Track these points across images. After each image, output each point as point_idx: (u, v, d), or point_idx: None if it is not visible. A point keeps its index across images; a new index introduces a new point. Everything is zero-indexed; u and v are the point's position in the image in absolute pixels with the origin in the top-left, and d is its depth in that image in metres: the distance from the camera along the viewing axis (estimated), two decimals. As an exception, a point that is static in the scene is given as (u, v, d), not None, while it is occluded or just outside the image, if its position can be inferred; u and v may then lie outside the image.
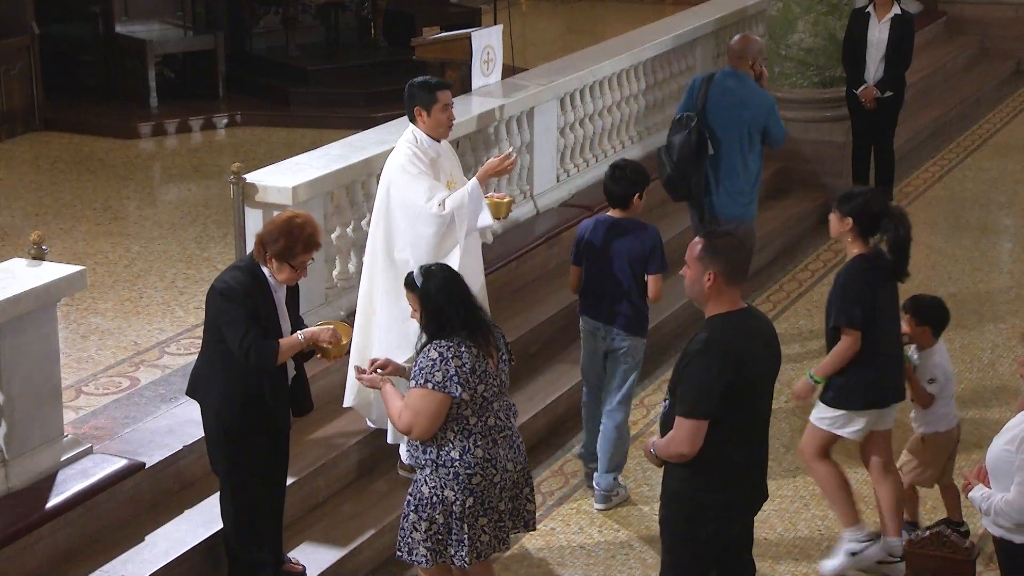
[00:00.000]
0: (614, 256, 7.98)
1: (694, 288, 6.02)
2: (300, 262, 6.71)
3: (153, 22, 15.55)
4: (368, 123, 11.04)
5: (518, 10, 19.80)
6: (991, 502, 5.94)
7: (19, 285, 6.88)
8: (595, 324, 8.10)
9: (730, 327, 5.97)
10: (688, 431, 5.91)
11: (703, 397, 5.89)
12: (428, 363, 6.31)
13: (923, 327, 7.59)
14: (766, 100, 9.75)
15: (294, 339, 6.74)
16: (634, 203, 8.04)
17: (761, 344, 6.08)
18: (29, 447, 6.98)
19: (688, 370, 5.95)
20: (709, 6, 14.01)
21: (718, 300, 5.98)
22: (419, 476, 6.47)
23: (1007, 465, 5.88)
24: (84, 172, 12.99)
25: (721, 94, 9.70)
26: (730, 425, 5.94)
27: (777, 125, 9.75)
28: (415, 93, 7.95)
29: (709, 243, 6.02)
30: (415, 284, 6.48)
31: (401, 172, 7.82)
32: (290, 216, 6.84)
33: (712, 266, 5.94)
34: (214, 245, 10.90)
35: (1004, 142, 15.10)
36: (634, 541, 7.94)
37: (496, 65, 10.61)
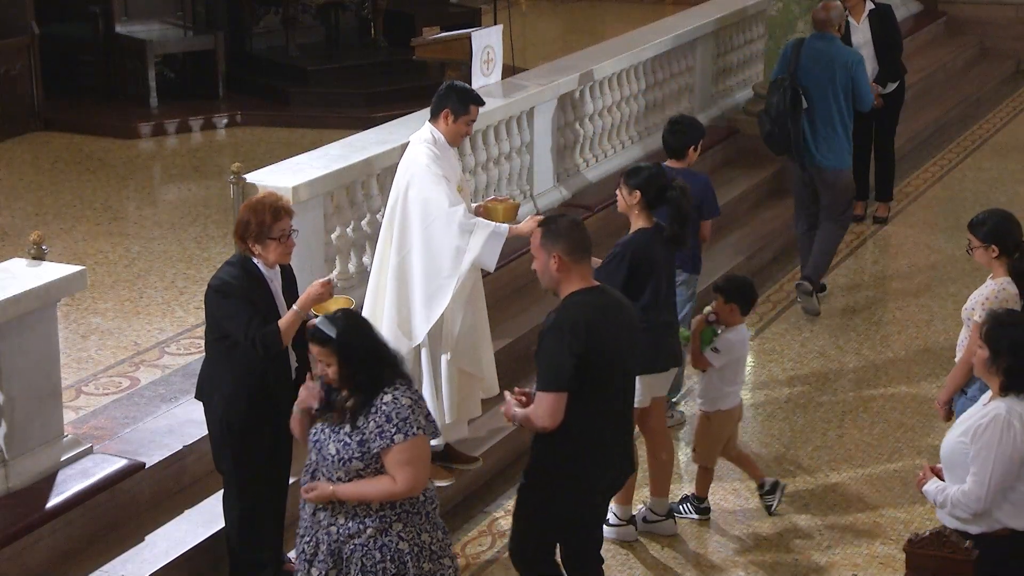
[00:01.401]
0: None
1: (546, 276, 6.28)
2: (279, 232, 6.67)
3: (153, 22, 15.54)
4: (368, 123, 11.04)
5: (518, 10, 19.79)
6: (946, 494, 6.02)
7: (19, 285, 6.89)
8: None
9: (580, 303, 6.20)
10: (547, 405, 6.12)
11: (556, 371, 6.10)
12: (406, 411, 5.82)
13: (731, 305, 7.91)
14: (852, 56, 10.66)
15: (290, 313, 6.70)
16: (689, 154, 8.86)
17: (613, 319, 6.27)
18: (29, 447, 6.99)
19: (542, 346, 6.17)
20: (709, 6, 14.01)
21: (569, 280, 6.23)
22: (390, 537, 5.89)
23: (962, 457, 5.95)
24: (84, 172, 12.99)
25: (811, 55, 10.58)
26: (586, 399, 6.14)
27: (861, 84, 10.60)
28: (451, 96, 7.91)
29: (546, 228, 6.28)
30: (328, 337, 5.84)
31: (426, 171, 7.73)
32: (248, 199, 6.90)
33: (554, 248, 6.19)
34: (214, 245, 10.91)
35: (1004, 142, 15.10)
36: (634, 542, 7.94)
37: (496, 65, 10.60)
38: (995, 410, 5.92)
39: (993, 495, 5.90)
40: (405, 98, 13.75)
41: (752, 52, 14.10)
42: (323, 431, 5.94)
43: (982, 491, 5.89)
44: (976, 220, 7.27)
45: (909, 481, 8.49)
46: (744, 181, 12.67)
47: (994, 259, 7.20)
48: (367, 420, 5.81)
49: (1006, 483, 5.89)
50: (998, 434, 5.86)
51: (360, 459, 5.82)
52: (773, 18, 12.94)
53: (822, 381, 9.79)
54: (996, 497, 5.91)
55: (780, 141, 10.73)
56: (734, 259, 11.07)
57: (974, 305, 7.17)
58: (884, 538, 7.94)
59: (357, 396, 5.85)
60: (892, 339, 10.46)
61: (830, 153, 10.61)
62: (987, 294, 7.16)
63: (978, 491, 5.90)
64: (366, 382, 5.85)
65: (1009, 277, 7.17)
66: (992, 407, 5.96)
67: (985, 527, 5.98)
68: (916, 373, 9.86)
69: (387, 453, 5.80)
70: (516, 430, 8.61)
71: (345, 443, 5.84)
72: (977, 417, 5.98)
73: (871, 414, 9.36)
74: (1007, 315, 6.15)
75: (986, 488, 5.88)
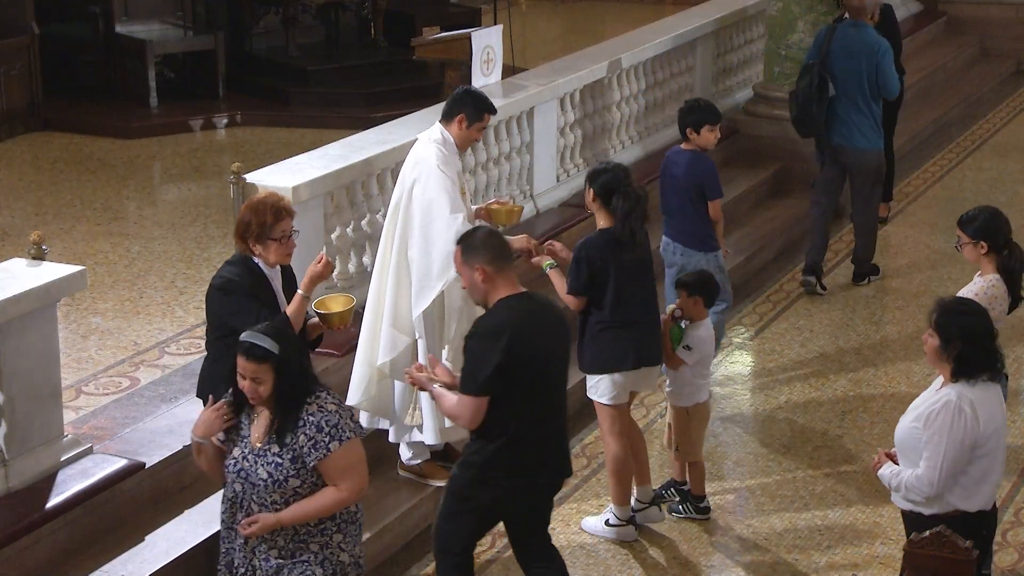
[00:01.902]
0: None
1: (475, 291, 6.41)
2: (280, 232, 6.67)
3: (153, 22, 15.55)
4: (368, 123, 11.03)
5: (518, 10, 19.78)
6: (900, 478, 6.12)
7: (19, 285, 6.89)
8: (667, 242, 9.21)
9: (505, 309, 6.30)
10: (467, 407, 6.28)
11: (476, 375, 6.22)
12: (335, 417, 5.74)
13: (695, 298, 7.95)
14: (879, 45, 10.89)
15: (296, 298, 6.69)
16: (689, 136, 9.07)
17: (541, 323, 6.36)
18: (29, 447, 6.99)
19: (466, 350, 6.32)
20: (709, 6, 14.01)
21: (495, 290, 6.34)
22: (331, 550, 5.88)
23: (915, 442, 6.06)
24: (84, 172, 12.99)
25: (841, 41, 10.90)
26: (513, 402, 6.25)
27: (887, 72, 10.86)
28: (468, 101, 7.92)
29: (464, 244, 6.40)
30: (269, 353, 5.68)
31: (435, 171, 7.72)
32: (249, 199, 6.90)
33: (477, 261, 6.31)
34: (214, 245, 10.91)
35: (1004, 142, 15.10)
36: (634, 541, 7.94)
37: (496, 65, 10.60)
38: (947, 396, 6.02)
39: (945, 479, 6.01)
40: (405, 98, 13.76)
41: (752, 52, 14.10)
42: (245, 458, 5.77)
43: (934, 475, 6.00)
44: (965, 217, 7.30)
45: (909, 481, 8.49)
46: (744, 181, 12.66)
47: (983, 255, 7.23)
48: (295, 435, 5.69)
49: (957, 467, 6.01)
50: (950, 420, 5.96)
51: (296, 476, 5.69)
52: (773, 18, 12.93)
53: (822, 381, 9.79)
54: (948, 481, 6.02)
55: (806, 124, 11.09)
56: (734, 259, 11.06)
57: None
58: (884, 538, 7.94)
59: (287, 413, 5.69)
60: (892, 339, 10.47)
61: (855, 134, 10.93)
62: (976, 290, 7.17)
63: (931, 475, 6.00)
64: (298, 397, 5.72)
65: (998, 274, 7.20)
66: (944, 393, 6.06)
67: (938, 509, 6.09)
68: (916, 373, 9.86)
69: (326, 463, 5.70)
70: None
71: (277, 464, 5.69)
72: (929, 403, 6.09)
73: (871, 414, 9.36)
74: (956, 303, 6.24)
75: (938, 472, 5.99)
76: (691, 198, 9.06)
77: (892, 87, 10.97)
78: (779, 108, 12.85)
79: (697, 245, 9.12)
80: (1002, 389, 7.13)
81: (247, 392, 5.72)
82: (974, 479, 6.05)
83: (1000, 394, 6.16)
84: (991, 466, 6.07)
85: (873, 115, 10.95)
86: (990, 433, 6.02)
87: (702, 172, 9.08)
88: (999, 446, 6.09)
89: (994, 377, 6.08)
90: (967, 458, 6.00)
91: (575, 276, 7.63)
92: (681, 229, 9.15)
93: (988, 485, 6.10)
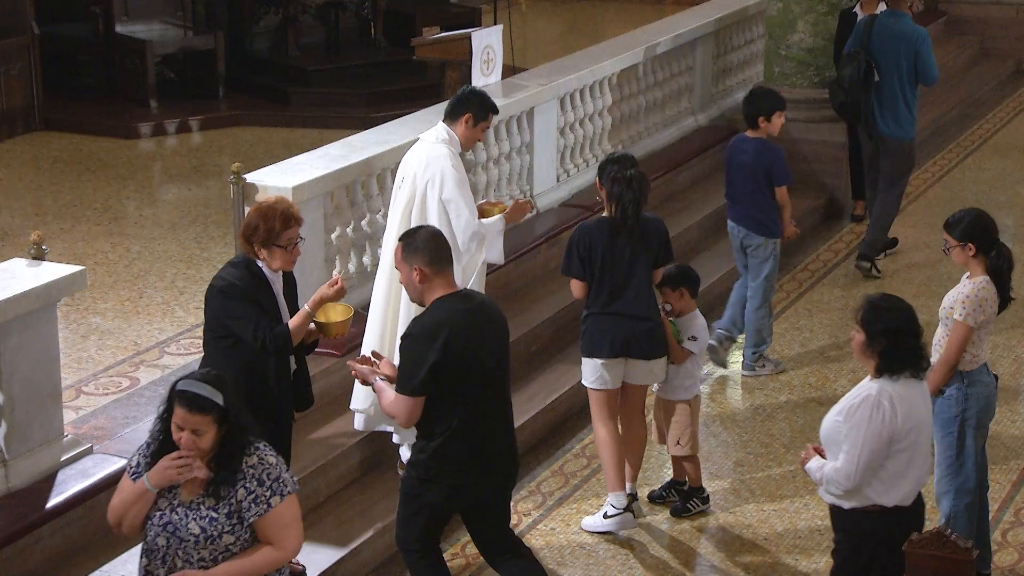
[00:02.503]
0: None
1: (410, 288, 6.45)
2: (287, 240, 6.67)
3: (153, 22, 15.55)
4: (368, 123, 11.04)
5: (518, 10, 19.80)
6: (823, 471, 6.18)
7: (19, 285, 6.89)
8: (732, 224, 9.69)
9: (441, 309, 6.35)
10: (402, 406, 6.35)
11: (410, 375, 6.28)
12: (275, 470, 5.39)
13: (680, 290, 8.02)
14: (917, 34, 11.27)
15: (300, 313, 6.71)
16: (760, 124, 9.51)
17: (478, 322, 6.41)
18: (29, 447, 6.99)
19: (401, 350, 6.38)
20: (709, 6, 14.01)
21: (431, 289, 6.40)
22: None
23: (837, 435, 6.13)
24: (84, 172, 12.99)
25: (881, 31, 11.32)
26: (451, 401, 6.33)
27: (926, 59, 11.25)
28: (474, 102, 7.96)
29: (404, 243, 6.44)
30: (213, 403, 5.26)
31: (452, 172, 7.78)
32: (259, 203, 6.87)
33: (415, 260, 6.36)
34: (214, 245, 10.91)
35: (1004, 142, 15.11)
36: (634, 541, 7.94)
37: (496, 65, 10.60)
38: (867, 390, 6.09)
39: (862, 472, 6.06)
40: (405, 98, 13.76)
41: (752, 52, 14.10)
42: (174, 510, 5.36)
43: (852, 468, 6.06)
44: (951, 220, 7.31)
45: (909, 481, 8.50)
46: (744, 181, 12.65)
47: (971, 258, 7.23)
48: (234, 489, 5.32)
49: (875, 461, 6.06)
50: (868, 414, 6.03)
51: (231, 532, 5.33)
52: (773, 18, 12.93)
53: (822, 381, 9.79)
54: (866, 474, 6.07)
55: (852, 111, 11.53)
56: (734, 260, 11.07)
57: (952, 304, 7.20)
58: (884, 538, 7.93)
59: (228, 465, 5.32)
60: (892, 339, 10.45)
61: (893, 123, 11.35)
62: (967, 292, 7.18)
63: (848, 468, 6.06)
64: (239, 449, 5.34)
65: (987, 276, 7.20)
66: (865, 387, 6.13)
67: (856, 503, 6.15)
68: (916, 373, 9.85)
69: (265, 520, 5.35)
70: (516, 430, 8.61)
71: (211, 518, 5.31)
72: (851, 397, 6.16)
73: (871, 414, 9.35)
74: (882, 299, 6.28)
75: (855, 465, 6.05)
76: (759, 184, 9.49)
77: (932, 74, 11.34)
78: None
79: (760, 230, 9.57)
80: (993, 387, 7.20)
81: (184, 445, 5.27)
82: (892, 474, 6.10)
83: (924, 391, 6.22)
84: (910, 461, 6.11)
85: (908, 103, 11.33)
86: (908, 429, 6.07)
87: (771, 158, 9.51)
88: (919, 442, 6.14)
89: (917, 374, 6.14)
90: (885, 452, 6.06)
91: (566, 258, 7.86)
92: (746, 214, 9.59)
93: (907, 481, 6.14)
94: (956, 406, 7.18)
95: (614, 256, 7.74)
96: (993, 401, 7.31)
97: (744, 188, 9.55)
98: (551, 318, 9.81)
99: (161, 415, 5.41)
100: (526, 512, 8.19)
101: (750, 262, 9.68)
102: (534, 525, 8.07)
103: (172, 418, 5.31)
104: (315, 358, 7.35)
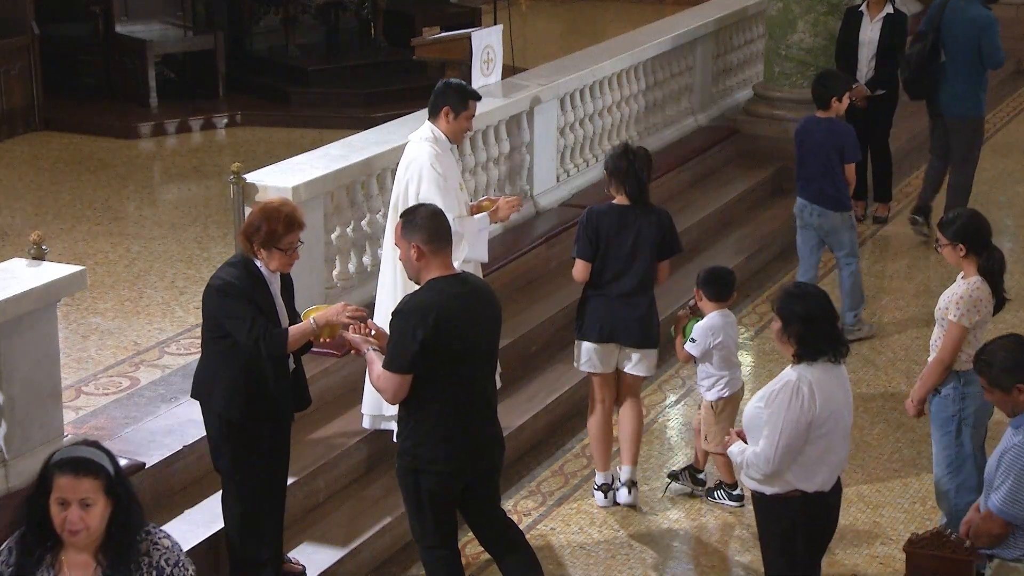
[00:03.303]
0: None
1: (408, 266, 6.43)
2: (287, 244, 6.68)
3: (153, 22, 15.56)
4: (368, 123, 11.04)
5: (518, 10, 19.79)
6: (744, 455, 6.27)
7: (19, 285, 6.88)
8: (805, 204, 10.17)
9: (434, 290, 6.32)
10: (389, 382, 6.32)
11: (399, 353, 6.25)
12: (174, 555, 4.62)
13: (697, 291, 8.09)
14: (982, 18, 11.72)
15: (306, 325, 6.70)
16: (832, 104, 10.02)
17: (471, 305, 6.39)
18: (29, 447, 6.98)
19: (392, 327, 6.33)
20: (709, 6, 14.01)
21: (428, 269, 6.36)
22: None
23: (758, 421, 6.21)
24: (84, 172, 12.99)
25: (952, 12, 11.71)
26: (437, 384, 6.31)
27: (990, 43, 11.67)
28: (449, 94, 7.98)
29: (406, 220, 6.43)
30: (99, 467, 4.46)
31: (428, 171, 7.81)
32: (265, 203, 6.86)
33: (413, 238, 6.34)
34: (214, 245, 10.91)
35: (1004, 142, 15.10)
36: (634, 541, 7.95)
37: (496, 65, 10.61)
38: (787, 376, 6.19)
39: (782, 457, 6.13)
40: (405, 98, 13.75)
41: (752, 52, 14.11)
42: None
43: (771, 452, 6.13)
44: (945, 219, 7.40)
45: (909, 481, 8.50)
46: (744, 181, 12.67)
47: (963, 258, 7.29)
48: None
49: (794, 446, 6.13)
50: (787, 399, 6.11)
51: None
52: (773, 18, 12.94)
53: (822, 381, 9.78)
54: (786, 459, 6.14)
55: (916, 88, 12.02)
56: (734, 259, 11.08)
57: (947, 304, 7.25)
58: (884, 538, 7.94)
59: (119, 551, 4.48)
60: (892, 339, 10.46)
61: (957, 102, 11.78)
62: (961, 292, 7.23)
63: (767, 452, 6.14)
64: (133, 530, 4.52)
65: (980, 276, 7.24)
66: (785, 374, 6.22)
67: (778, 488, 6.23)
68: (916, 373, 9.83)
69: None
70: (516, 430, 8.63)
71: None
72: (772, 383, 6.25)
73: (871, 414, 9.36)
74: (795, 287, 6.43)
75: (774, 450, 6.12)
76: (831, 162, 9.98)
77: (997, 57, 11.74)
78: (779, 108, 12.86)
79: (834, 205, 10.08)
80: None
81: (70, 523, 4.39)
82: (812, 459, 6.17)
83: (843, 376, 6.28)
84: (829, 447, 6.19)
85: (973, 83, 11.74)
86: (827, 415, 6.15)
87: (845, 136, 10.06)
88: (838, 428, 6.22)
89: (836, 359, 6.21)
90: (804, 438, 6.13)
91: (576, 239, 8.00)
92: (820, 191, 10.07)
93: (826, 466, 6.22)
94: (953, 405, 7.22)
95: (619, 241, 7.88)
96: None
97: (817, 167, 10.03)
98: (551, 318, 9.81)
99: (30, 503, 4.49)
100: (526, 512, 8.19)
101: (831, 240, 10.21)
102: (534, 525, 8.07)
103: (50, 498, 4.41)
104: (316, 358, 7.34)
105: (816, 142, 10.01)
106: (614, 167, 7.93)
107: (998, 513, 6.18)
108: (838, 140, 9.98)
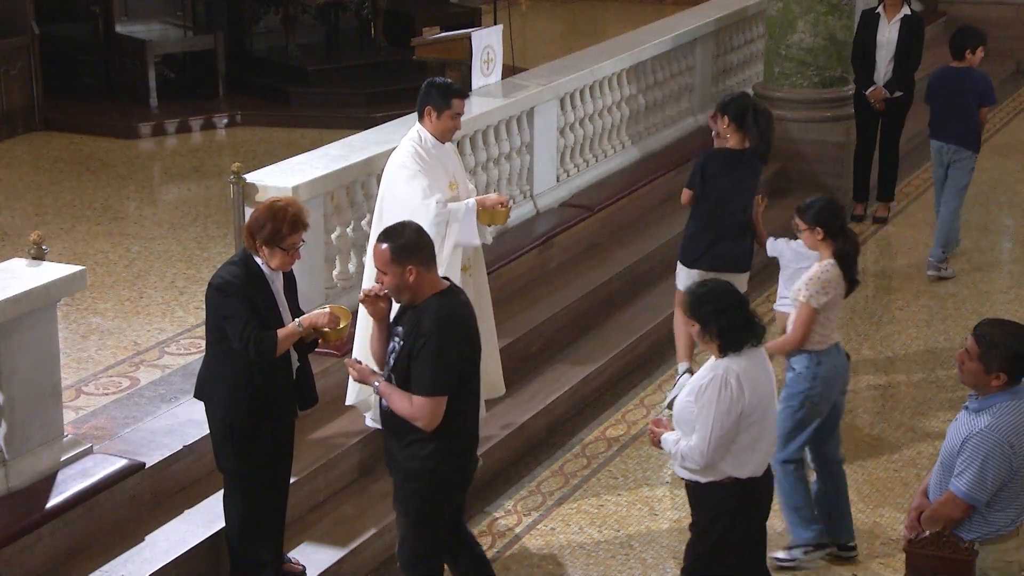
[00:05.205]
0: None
1: (400, 291, 6.22)
2: (290, 244, 6.68)
3: (153, 22, 15.56)
4: (368, 123, 11.04)
5: (518, 10, 19.78)
6: (678, 447, 6.35)
7: (19, 285, 6.88)
8: (940, 144, 11.39)
9: (453, 304, 6.26)
10: (432, 408, 6.13)
11: (442, 374, 6.12)
12: None
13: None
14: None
15: (292, 327, 6.71)
16: (966, 56, 11.27)
17: (472, 315, 6.43)
18: (29, 447, 6.98)
19: (430, 348, 6.10)
20: (709, 6, 14.01)
21: (425, 287, 6.23)
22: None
23: (689, 415, 6.30)
24: (84, 172, 12.99)
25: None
26: (462, 396, 6.26)
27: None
28: (431, 93, 7.99)
29: (393, 244, 6.20)
30: None
31: (399, 168, 7.88)
32: (271, 201, 6.84)
33: (409, 261, 6.17)
34: (214, 245, 10.91)
35: (1004, 142, 15.10)
36: (634, 541, 7.95)
37: (496, 65, 10.61)
38: (714, 370, 6.27)
39: (715, 450, 6.24)
40: (405, 98, 13.66)
41: (752, 52, 14.10)
42: None
43: (704, 446, 6.23)
44: (802, 205, 7.71)
45: (909, 481, 8.50)
46: (744, 181, 12.64)
47: (820, 241, 7.58)
48: None
49: (727, 437, 6.24)
50: (716, 393, 6.21)
51: None
52: (773, 18, 12.93)
53: (822, 381, 9.78)
54: (720, 451, 6.25)
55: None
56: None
57: (800, 286, 7.54)
58: (884, 538, 7.94)
59: None
60: (892, 339, 10.46)
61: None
62: (811, 274, 7.55)
63: (701, 445, 6.24)
64: None
65: (834, 259, 7.53)
66: (712, 367, 6.31)
67: (713, 477, 6.32)
68: (916, 372, 9.86)
69: None
70: (516, 430, 8.63)
71: None
72: (699, 378, 6.35)
73: (871, 414, 9.36)
74: (698, 288, 6.51)
75: (708, 443, 6.22)
76: (967, 106, 11.22)
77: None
78: (779, 108, 12.84)
79: (969, 145, 11.28)
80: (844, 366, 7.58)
81: None
82: (744, 447, 6.28)
83: (765, 360, 6.38)
84: (760, 433, 6.30)
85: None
86: (756, 403, 6.26)
87: (982, 81, 11.31)
88: (767, 415, 6.33)
89: (757, 342, 6.31)
90: (736, 428, 6.24)
91: (692, 173, 9.04)
92: (957, 132, 11.25)
93: (757, 453, 6.33)
94: (804, 382, 7.51)
95: (729, 181, 8.87)
96: (842, 376, 7.66)
97: (953, 110, 11.21)
98: (551, 318, 9.81)
99: None
100: (526, 512, 8.19)
101: (952, 173, 11.30)
102: (534, 525, 8.07)
103: None
104: (315, 358, 7.34)
105: (954, 88, 11.21)
106: (749, 125, 8.85)
107: (963, 497, 6.16)
108: (977, 85, 11.21)
